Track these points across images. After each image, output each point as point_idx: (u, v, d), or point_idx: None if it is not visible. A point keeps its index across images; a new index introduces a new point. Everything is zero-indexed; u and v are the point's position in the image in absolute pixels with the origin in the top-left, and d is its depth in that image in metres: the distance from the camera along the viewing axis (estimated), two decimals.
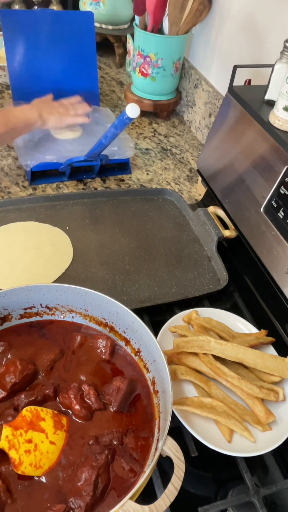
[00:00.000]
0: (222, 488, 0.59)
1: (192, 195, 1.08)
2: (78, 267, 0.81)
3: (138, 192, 1.01)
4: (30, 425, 0.50)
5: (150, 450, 0.52)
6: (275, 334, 0.73)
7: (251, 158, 0.81)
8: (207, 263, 0.87)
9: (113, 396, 0.55)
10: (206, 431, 0.58)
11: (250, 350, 0.63)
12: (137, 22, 1.18)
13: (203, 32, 1.21)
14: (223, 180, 0.90)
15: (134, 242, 0.89)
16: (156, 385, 0.57)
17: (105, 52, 1.62)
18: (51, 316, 0.65)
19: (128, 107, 0.84)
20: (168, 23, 1.14)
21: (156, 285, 0.80)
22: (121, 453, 0.51)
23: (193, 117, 1.30)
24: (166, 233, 0.92)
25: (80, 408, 0.53)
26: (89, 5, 1.46)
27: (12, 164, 1.05)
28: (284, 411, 0.62)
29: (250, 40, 1.02)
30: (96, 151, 0.97)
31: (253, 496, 0.55)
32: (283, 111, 0.73)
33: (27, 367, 0.56)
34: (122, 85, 1.48)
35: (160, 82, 1.24)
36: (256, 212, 0.79)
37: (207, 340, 0.63)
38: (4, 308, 0.61)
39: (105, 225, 0.91)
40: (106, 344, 0.61)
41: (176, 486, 0.44)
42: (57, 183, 1.03)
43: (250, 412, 0.61)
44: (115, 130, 0.90)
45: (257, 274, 0.80)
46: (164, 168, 1.15)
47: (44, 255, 0.82)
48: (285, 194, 0.72)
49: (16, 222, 0.88)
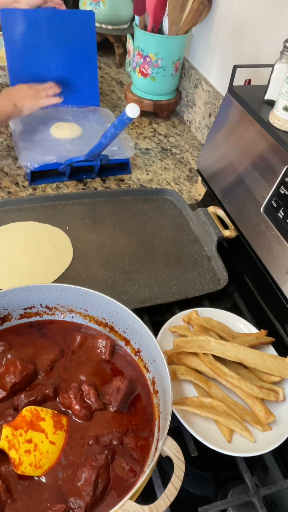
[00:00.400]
0: (222, 488, 0.59)
1: (192, 195, 1.08)
2: (78, 267, 0.81)
3: (138, 192, 1.01)
4: (30, 425, 0.50)
5: (150, 450, 0.52)
6: (275, 334, 0.73)
7: (251, 158, 0.81)
8: (207, 263, 0.87)
9: (113, 396, 0.55)
10: (206, 431, 0.58)
11: (250, 350, 0.63)
12: (137, 22, 1.18)
13: (203, 32, 1.21)
14: (223, 180, 0.90)
15: (134, 242, 0.89)
16: (156, 385, 0.57)
17: (105, 52, 1.62)
18: (51, 316, 0.65)
19: (128, 107, 0.84)
20: (168, 23, 1.14)
21: (156, 285, 0.80)
22: (121, 453, 0.51)
23: (193, 117, 1.30)
24: (166, 233, 0.92)
25: (80, 408, 0.53)
26: (89, 5, 1.46)
27: (12, 164, 1.05)
28: (284, 411, 0.62)
29: (250, 40, 1.02)
30: (96, 151, 0.97)
31: (253, 496, 0.55)
32: (283, 111, 0.73)
33: (27, 367, 0.56)
34: (122, 85, 1.48)
35: (160, 82, 1.24)
36: (256, 212, 0.79)
37: (207, 340, 0.63)
38: (4, 308, 0.61)
39: (105, 225, 0.91)
40: (106, 344, 0.61)
41: (176, 486, 0.44)
42: (57, 183, 1.03)
43: (250, 412, 0.61)
44: (115, 130, 0.90)
45: (257, 274, 0.80)
46: (164, 168, 1.15)
47: (44, 255, 0.82)
48: (285, 194, 0.72)
49: (16, 222, 0.88)
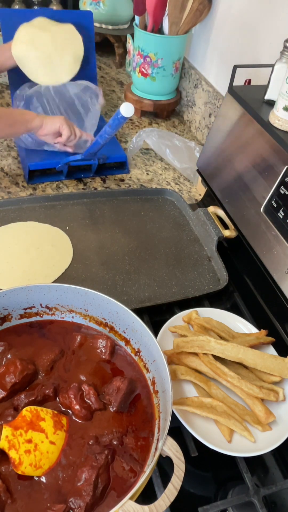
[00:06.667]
0: (222, 488, 0.59)
1: (192, 195, 1.08)
2: (78, 267, 0.81)
3: (138, 192, 1.01)
4: (30, 425, 0.50)
5: (150, 450, 0.52)
6: (275, 334, 0.73)
7: (251, 158, 0.81)
8: (207, 263, 0.87)
9: (113, 396, 0.55)
10: (206, 431, 0.58)
11: (250, 350, 0.63)
12: (137, 22, 1.18)
13: (203, 32, 1.21)
14: (223, 180, 0.90)
15: (134, 242, 0.89)
16: (156, 385, 0.57)
17: (105, 52, 1.62)
18: (51, 316, 0.65)
19: (123, 106, 0.84)
20: (168, 23, 1.14)
21: (156, 285, 0.80)
22: (121, 453, 0.51)
23: (193, 117, 1.30)
24: (166, 233, 0.92)
25: (80, 408, 0.53)
26: (89, 5, 1.46)
27: (12, 164, 1.05)
28: (284, 411, 0.62)
29: (250, 40, 1.02)
30: (93, 150, 0.98)
31: (253, 496, 0.55)
32: (283, 111, 0.73)
33: (27, 367, 0.56)
34: (122, 85, 1.47)
35: (160, 82, 1.24)
36: (256, 212, 0.79)
37: (207, 340, 0.63)
38: (4, 308, 0.61)
39: (105, 225, 0.91)
40: (106, 344, 0.61)
41: (176, 486, 0.44)
42: (57, 183, 1.03)
43: (250, 412, 0.61)
44: (110, 130, 0.90)
45: (257, 274, 0.80)
46: (164, 168, 1.15)
47: (44, 255, 0.81)
48: (285, 194, 0.72)
49: (16, 222, 0.88)
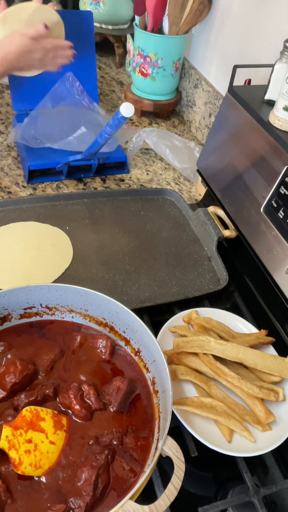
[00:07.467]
0: (222, 488, 0.59)
1: (192, 195, 1.08)
2: (78, 267, 0.81)
3: (138, 192, 1.01)
4: (30, 425, 0.50)
5: (150, 450, 0.51)
6: (275, 334, 0.73)
7: (251, 158, 0.81)
8: (207, 263, 0.87)
9: (113, 396, 0.55)
10: (206, 431, 0.58)
11: (250, 350, 0.63)
12: (137, 22, 1.18)
13: (203, 32, 1.21)
14: (223, 180, 0.90)
15: (134, 242, 0.89)
16: (156, 385, 0.57)
17: (105, 52, 1.62)
18: (51, 316, 0.65)
19: (123, 106, 0.84)
20: (168, 23, 1.14)
21: (156, 285, 0.80)
22: (121, 453, 0.51)
23: (193, 117, 1.30)
24: (166, 233, 0.92)
25: (80, 408, 0.53)
26: (89, 5, 1.46)
27: (12, 164, 1.05)
28: (284, 411, 0.62)
29: (250, 40, 1.02)
30: (93, 150, 0.98)
31: (253, 496, 0.55)
32: (283, 111, 0.73)
33: (27, 367, 0.56)
34: (122, 85, 1.47)
35: (160, 82, 1.24)
36: (256, 212, 0.79)
37: (207, 340, 0.63)
38: (4, 308, 0.61)
39: (105, 225, 0.91)
40: (106, 344, 0.61)
41: (176, 486, 0.44)
42: (57, 183, 1.03)
43: (250, 412, 0.61)
44: (110, 129, 0.90)
45: (257, 274, 0.80)
46: (164, 168, 1.15)
47: (44, 255, 0.81)
48: (285, 194, 0.72)
49: (16, 222, 0.88)
